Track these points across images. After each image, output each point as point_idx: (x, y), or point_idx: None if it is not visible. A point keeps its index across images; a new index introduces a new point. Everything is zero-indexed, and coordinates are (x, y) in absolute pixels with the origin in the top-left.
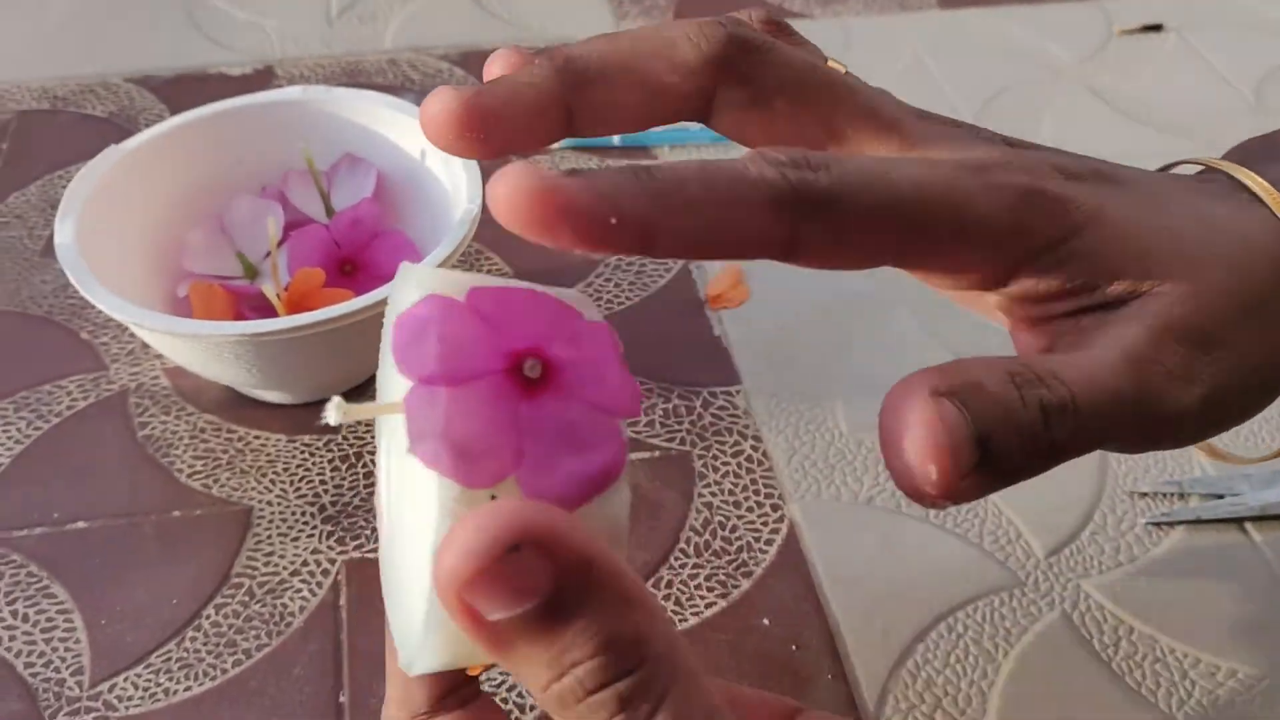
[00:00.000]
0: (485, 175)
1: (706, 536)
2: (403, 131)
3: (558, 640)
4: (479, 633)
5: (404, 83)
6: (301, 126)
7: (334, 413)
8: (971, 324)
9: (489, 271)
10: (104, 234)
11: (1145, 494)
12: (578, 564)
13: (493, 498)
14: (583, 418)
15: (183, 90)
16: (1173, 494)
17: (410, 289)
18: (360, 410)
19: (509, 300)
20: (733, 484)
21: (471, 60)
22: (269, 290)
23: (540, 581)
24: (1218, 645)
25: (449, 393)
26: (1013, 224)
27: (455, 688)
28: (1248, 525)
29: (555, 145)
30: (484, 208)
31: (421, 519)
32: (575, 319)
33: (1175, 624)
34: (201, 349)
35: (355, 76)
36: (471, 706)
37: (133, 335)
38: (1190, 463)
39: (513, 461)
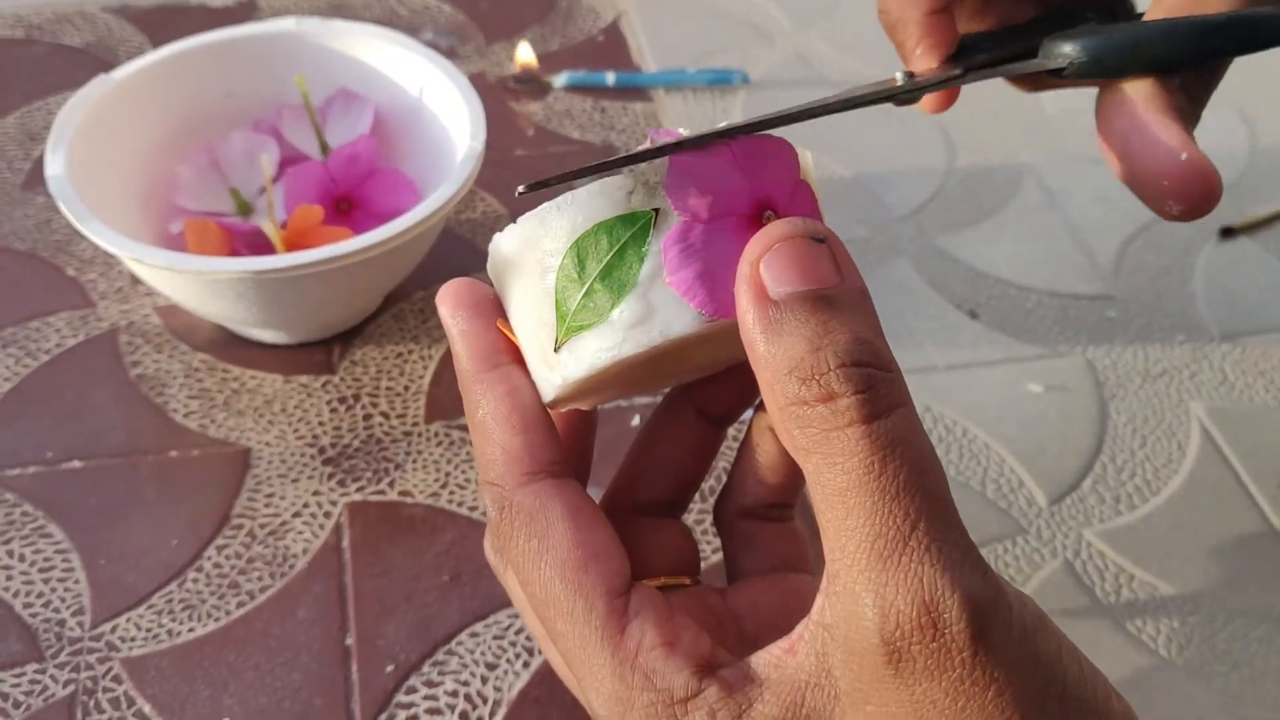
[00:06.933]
0: (489, 112)
1: (704, 487)
2: (400, 67)
3: (822, 324)
4: (759, 308)
5: (390, 18)
6: (295, 60)
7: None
8: (968, 274)
9: (483, 212)
10: (94, 167)
11: None
12: (855, 279)
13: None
14: None
15: (163, 21)
16: None
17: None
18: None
19: (760, 150)
20: (735, 431)
21: None
22: (269, 228)
23: (828, 275)
24: (1215, 592)
25: (704, 229)
26: None
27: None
28: (1250, 486)
29: (557, 84)
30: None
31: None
32: (795, 172)
33: (1175, 572)
34: (202, 286)
35: (340, 11)
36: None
37: (121, 272)
38: None
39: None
